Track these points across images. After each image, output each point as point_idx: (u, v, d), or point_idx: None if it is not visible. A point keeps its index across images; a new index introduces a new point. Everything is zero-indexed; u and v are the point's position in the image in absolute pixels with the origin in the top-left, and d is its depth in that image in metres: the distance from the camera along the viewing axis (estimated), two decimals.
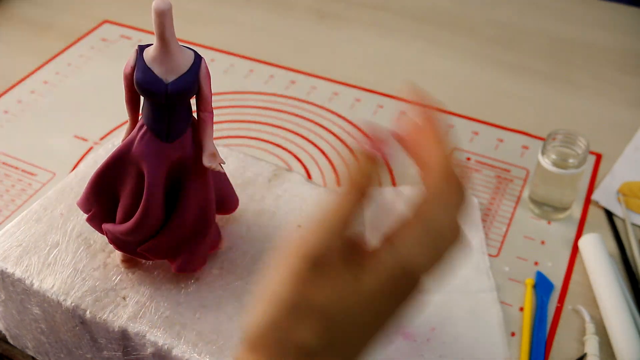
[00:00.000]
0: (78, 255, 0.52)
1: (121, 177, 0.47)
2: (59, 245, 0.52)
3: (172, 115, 0.45)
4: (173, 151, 0.46)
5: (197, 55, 0.44)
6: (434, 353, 0.57)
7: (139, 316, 0.47)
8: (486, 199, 0.71)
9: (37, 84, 0.89)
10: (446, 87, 0.88)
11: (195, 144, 0.46)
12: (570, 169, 0.65)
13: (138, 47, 0.44)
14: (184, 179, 0.47)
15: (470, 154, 0.77)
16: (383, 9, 1.03)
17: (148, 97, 0.44)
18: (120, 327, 0.47)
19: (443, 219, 0.36)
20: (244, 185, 0.56)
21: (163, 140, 0.45)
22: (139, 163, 0.46)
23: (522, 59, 0.92)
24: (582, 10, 1.02)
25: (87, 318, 0.48)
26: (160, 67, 0.43)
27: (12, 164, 0.76)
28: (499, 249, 0.66)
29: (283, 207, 0.55)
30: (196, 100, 0.45)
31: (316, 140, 0.79)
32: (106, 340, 0.49)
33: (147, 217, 0.46)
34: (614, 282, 0.60)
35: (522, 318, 0.60)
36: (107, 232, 0.49)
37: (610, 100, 0.85)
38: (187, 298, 0.48)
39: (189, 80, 0.43)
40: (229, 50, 0.95)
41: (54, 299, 0.49)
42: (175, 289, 0.49)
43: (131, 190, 0.47)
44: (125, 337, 0.47)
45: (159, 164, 0.45)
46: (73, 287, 0.49)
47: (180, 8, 1.04)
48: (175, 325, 0.47)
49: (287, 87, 0.88)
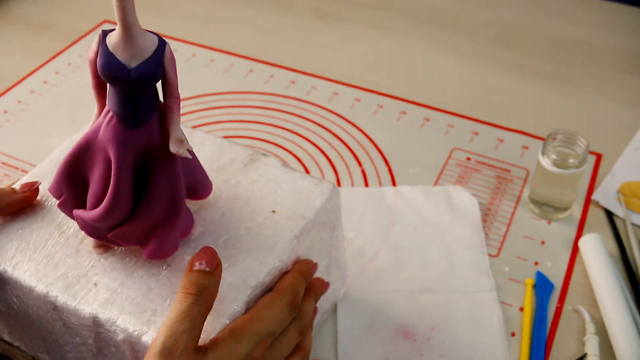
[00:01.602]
0: (51, 241, 0.51)
1: (90, 163, 0.47)
2: (32, 231, 0.52)
3: (138, 101, 0.44)
4: (140, 137, 0.45)
5: (161, 40, 0.44)
6: (434, 353, 0.57)
7: (110, 302, 0.47)
8: (486, 199, 0.71)
9: (37, 84, 0.89)
10: (446, 87, 0.88)
11: (163, 130, 0.46)
12: (571, 169, 0.65)
13: (101, 32, 0.43)
14: (152, 165, 0.47)
15: (470, 154, 0.77)
16: (383, 9, 1.03)
17: (112, 83, 0.44)
18: (91, 313, 0.47)
19: (270, 317, 0.46)
20: (219, 169, 0.55)
21: (129, 126, 0.45)
22: (106, 149, 0.46)
23: (522, 59, 0.92)
24: (582, 10, 1.02)
25: (59, 304, 0.48)
26: (123, 53, 0.42)
27: (11, 164, 0.76)
28: (499, 249, 0.66)
29: (258, 192, 0.54)
30: (162, 85, 0.45)
31: (316, 140, 0.79)
32: (78, 326, 0.48)
33: (116, 204, 0.46)
34: (614, 282, 0.60)
35: (522, 318, 0.60)
36: (78, 218, 0.49)
37: (610, 100, 0.85)
38: (158, 284, 0.48)
39: (153, 65, 0.43)
40: (229, 50, 0.95)
41: (26, 285, 0.49)
42: (147, 275, 0.49)
43: (100, 177, 0.47)
44: (96, 323, 0.47)
45: (125, 150, 0.45)
46: (45, 274, 0.49)
47: (180, 8, 1.04)
48: (146, 312, 0.47)
49: (287, 87, 0.88)
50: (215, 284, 0.45)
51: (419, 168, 0.75)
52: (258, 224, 0.51)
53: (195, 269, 0.44)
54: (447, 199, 0.70)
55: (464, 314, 0.60)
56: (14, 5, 1.05)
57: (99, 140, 0.46)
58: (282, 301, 0.47)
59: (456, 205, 0.70)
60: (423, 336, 0.58)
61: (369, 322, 0.59)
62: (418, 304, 0.61)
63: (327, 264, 0.56)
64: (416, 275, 0.63)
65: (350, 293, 0.62)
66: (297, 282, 0.49)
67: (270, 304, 0.47)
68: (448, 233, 0.67)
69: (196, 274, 0.44)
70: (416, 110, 0.84)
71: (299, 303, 0.49)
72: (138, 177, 0.47)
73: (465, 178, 0.74)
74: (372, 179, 0.74)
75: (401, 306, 0.60)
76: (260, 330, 0.45)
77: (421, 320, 0.59)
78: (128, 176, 0.46)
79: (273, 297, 0.48)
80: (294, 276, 0.50)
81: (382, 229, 0.68)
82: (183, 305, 0.43)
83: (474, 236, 0.67)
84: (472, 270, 0.63)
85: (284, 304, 0.47)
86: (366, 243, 0.66)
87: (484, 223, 0.69)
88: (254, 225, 0.51)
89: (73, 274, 0.49)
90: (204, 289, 0.44)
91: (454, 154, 0.77)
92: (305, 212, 0.52)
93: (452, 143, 0.79)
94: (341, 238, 0.57)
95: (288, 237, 0.50)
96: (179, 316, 0.42)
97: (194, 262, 0.45)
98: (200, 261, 0.45)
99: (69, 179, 0.48)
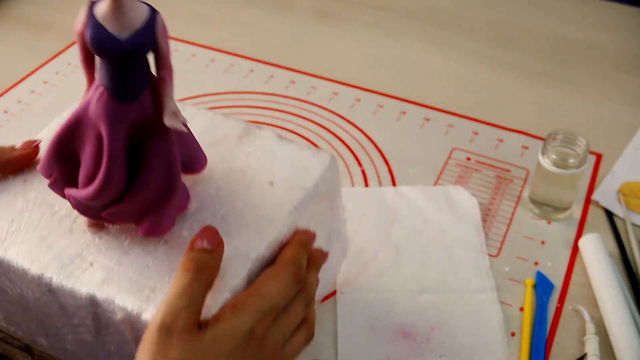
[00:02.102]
0: (43, 222, 0.50)
1: (80, 140, 0.45)
2: (23, 213, 0.51)
3: (129, 74, 0.43)
4: (132, 112, 0.44)
5: (152, 9, 0.42)
6: (434, 353, 0.57)
7: (107, 281, 0.46)
8: (486, 199, 0.71)
9: (37, 84, 0.89)
10: (446, 87, 0.88)
11: (156, 104, 0.45)
12: (571, 169, 0.65)
13: (89, 3, 0.42)
14: (145, 140, 0.45)
15: (470, 154, 0.77)
16: (383, 9, 1.03)
17: (102, 55, 0.42)
18: (88, 293, 0.46)
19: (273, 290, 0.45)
20: (213, 144, 0.54)
21: (120, 101, 0.43)
22: (97, 125, 0.44)
23: (522, 59, 0.92)
24: (582, 10, 1.02)
25: (54, 286, 0.47)
26: (113, 24, 0.41)
27: None
28: (499, 249, 0.66)
29: (254, 164, 0.52)
30: (154, 57, 0.44)
31: (316, 140, 0.79)
32: (75, 308, 0.47)
33: (109, 181, 0.44)
34: (614, 282, 0.60)
35: (522, 318, 0.60)
36: (70, 197, 0.47)
37: (610, 100, 0.85)
38: (155, 261, 0.47)
39: (145, 36, 0.41)
40: (229, 50, 0.95)
41: (19, 268, 0.48)
42: (144, 252, 0.47)
43: (91, 154, 0.45)
44: (93, 303, 0.46)
45: (118, 125, 0.43)
46: (38, 255, 0.48)
47: (180, 8, 1.04)
48: (145, 290, 0.45)
49: (287, 87, 0.88)
50: (217, 261, 0.44)
51: (419, 168, 0.75)
52: (256, 197, 0.50)
53: (197, 247, 0.44)
54: (447, 199, 0.70)
55: (464, 314, 0.60)
56: (14, 5, 1.05)
57: (89, 116, 0.44)
58: (286, 274, 0.46)
59: (456, 205, 0.70)
60: (423, 336, 0.58)
61: (369, 322, 0.59)
62: (418, 304, 0.61)
63: (328, 236, 0.55)
64: (416, 275, 0.63)
65: (350, 293, 0.62)
66: (299, 253, 0.48)
67: (273, 277, 0.45)
68: (448, 233, 0.67)
69: (197, 251, 0.44)
70: (416, 110, 0.84)
71: (303, 275, 0.47)
72: (131, 153, 0.45)
73: (465, 178, 0.74)
74: (372, 179, 0.74)
75: (401, 306, 0.60)
76: (263, 304, 0.44)
77: (421, 320, 0.59)
78: (121, 152, 0.44)
79: (275, 270, 0.46)
80: (295, 248, 0.48)
81: (382, 229, 0.68)
82: (182, 281, 0.42)
83: (474, 236, 0.67)
84: (472, 270, 0.63)
85: (288, 277, 0.46)
86: (366, 243, 0.66)
87: (484, 223, 0.69)
88: (252, 198, 0.50)
89: (67, 255, 0.48)
90: (204, 266, 0.43)
91: (454, 154, 0.77)
92: (304, 183, 0.51)
93: (452, 143, 0.79)
94: (341, 208, 0.56)
95: (287, 209, 0.49)
96: (178, 292, 0.41)
97: (195, 241, 0.44)
98: (201, 240, 0.44)
99: (59, 158, 0.47)
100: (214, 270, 0.44)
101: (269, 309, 0.44)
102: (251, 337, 0.43)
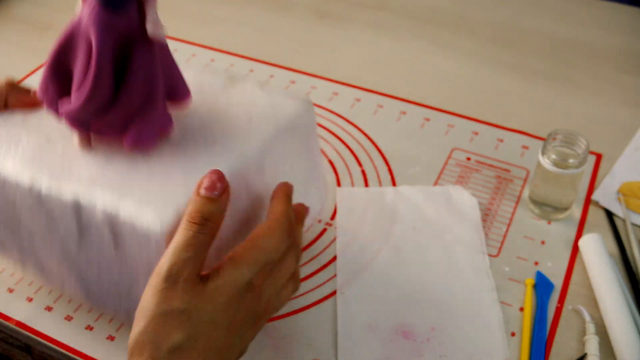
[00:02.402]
0: (38, 146, 0.54)
1: (74, 55, 0.49)
2: (21, 140, 0.54)
3: None
4: (120, 21, 0.47)
5: None
6: (434, 353, 0.57)
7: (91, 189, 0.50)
8: (486, 199, 0.71)
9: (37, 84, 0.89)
10: (446, 87, 0.88)
11: (141, 17, 0.48)
12: (571, 169, 0.65)
13: None
14: (132, 51, 0.48)
15: (470, 154, 0.77)
16: (383, 9, 1.03)
17: None
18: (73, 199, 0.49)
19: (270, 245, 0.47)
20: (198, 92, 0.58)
21: (109, 7, 0.46)
22: (89, 35, 0.47)
23: (522, 59, 0.92)
24: (582, 10, 1.02)
25: (43, 195, 0.50)
26: None
27: None
28: (499, 249, 0.66)
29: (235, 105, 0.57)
30: None
31: None
32: (61, 215, 0.51)
33: (97, 88, 0.47)
34: (614, 282, 0.60)
35: (522, 318, 0.60)
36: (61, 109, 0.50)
37: (610, 100, 0.85)
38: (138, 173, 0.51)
39: None
40: (229, 50, 0.95)
41: (12, 180, 0.52)
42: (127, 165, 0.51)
43: (83, 64, 0.48)
44: (77, 207, 0.49)
45: (106, 33, 0.46)
46: (32, 169, 0.52)
47: (180, 8, 1.04)
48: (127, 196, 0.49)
49: (287, 87, 0.88)
50: (221, 210, 0.45)
51: (419, 168, 0.75)
52: (234, 129, 0.54)
53: (202, 194, 0.45)
54: (447, 199, 0.70)
55: (464, 314, 0.60)
56: (14, 5, 1.05)
57: (82, 28, 0.47)
58: (280, 229, 0.48)
59: (456, 205, 0.70)
60: (423, 336, 0.58)
61: (369, 322, 0.59)
62: (418, 304, 0.61)
63: (306, 177, 0.59)
64: (416, 275, 0.63)
65: (350, 293, 0.62)
66: (289, 207, 0.50)
67: (269, 232, 0.47)
68: (448, 233, 0.67)
69: (202, 200, 0.45)
70: (416, 110, 0.84)
71: (294, 229, 0.50)
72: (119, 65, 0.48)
73: (465, 178, 0.74)
74: (372, 179, 0.74)
75: (401, 306, 0.60)
76: (260, 258, 0.46)
77: (421, 320, 0.59)
78: (108, 60, 0.47)
79: (270, 225, 0.48)
80: (284, 201, 0.50)
81: (382, 229, 0.68)
82: (188, 233, 0.44)
83: (474, 236, 0.67)
84: (472, 270, 0.63)
85: (282, 232, 0.48)
86: (366, 243, 0.66)
87: (484, 223, 0.69)
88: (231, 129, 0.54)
89: (58, 168, 0.52)
90: (209, 217, 0.44)
91: (454, 154, 0.77)
92: (279, 120, 0.55)
93: (452, 143, 0.79)
94: (317, 150, 0.60)
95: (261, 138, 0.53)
96: (184, 244, 0.43)
97: (200, 186, 0.45)
98: (207, 186, 0.45)
99: (55, 75, 0.50)
100: (219, 220, 0.45)
101: (265, 262, 0.46)
102: (248, 289, 0.45)
